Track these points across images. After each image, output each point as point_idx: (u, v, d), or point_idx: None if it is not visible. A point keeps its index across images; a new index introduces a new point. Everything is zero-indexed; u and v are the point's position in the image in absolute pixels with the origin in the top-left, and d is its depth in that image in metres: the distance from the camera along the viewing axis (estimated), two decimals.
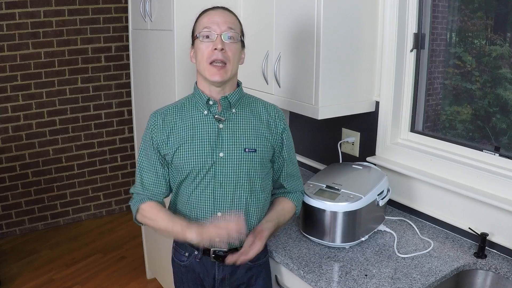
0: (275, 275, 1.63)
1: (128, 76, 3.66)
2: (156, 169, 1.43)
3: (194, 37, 1.40)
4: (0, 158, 3.40)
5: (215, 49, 1.32)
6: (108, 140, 3.81)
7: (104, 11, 3.54)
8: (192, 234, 1.30)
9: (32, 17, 3.28)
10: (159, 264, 2.67)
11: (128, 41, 2.77)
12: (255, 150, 1.40)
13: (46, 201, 3.64)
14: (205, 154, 1.36)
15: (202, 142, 1.37)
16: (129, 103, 3.72)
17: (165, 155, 1.40)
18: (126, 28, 3.51)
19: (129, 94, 3.65)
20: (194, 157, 1.36)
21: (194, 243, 1.32)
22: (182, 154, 1.37)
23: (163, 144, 1.39)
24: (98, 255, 3.24)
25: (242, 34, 1.41)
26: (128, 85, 3.62)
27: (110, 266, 3.11)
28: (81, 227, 3.70)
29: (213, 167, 1.37)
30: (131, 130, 3.82)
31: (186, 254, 1.48)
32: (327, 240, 1.59)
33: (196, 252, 1.45)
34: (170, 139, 1.39)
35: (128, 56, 3.05)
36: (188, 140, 1.38)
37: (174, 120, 1.40)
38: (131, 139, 3.84)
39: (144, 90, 2.49)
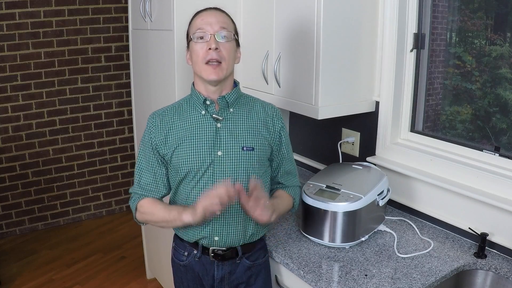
0: (275, 275, 1.63)
1: (128, 76, 3.66)
2: (154, 169, 1.44)
3: (188, 39, 1.41)
4: (0, 158, 3.40)
5: (210, 49, 1.33)
6: (108, 140, 3.81)
7: (104, 11, 3.54)
8: (187, 216, 1.31)
9: (32, 17, 3.28)
10: (159, 264, 2.67)
11: (128, 41, 2.77)
12: (253, 149, 1.41)
13: (46, 201, 3.64)
14: (204, 153, 1.37)
15: (200, 141, 1.38)
16: (129, 103, 3.72)
17: (164, 155, 1.42)
18: (126, 28, 3.51)
19: (129, 94, 3.65)
20: (193, 156, 1.37)
21: (193, 223, 1.32)
22: (181, 153, 1.38)
23: (161, 144, 1.41)
24: (98, 255, 3.24)
25: (236, 33, 1.42)
26: (128, 85, 3.62)
27: (110, 266, 3.11)
28: (81, 227, 3.70)
29: (212, 165, 1.38)
30: (131, 130, 3.82)
31: (186, 253, 1.48)
32: (327, 240, 1.59)
33: (195, 252, 1.46)
34: (168, 138, 1.40)
35: (128, 56, 3.05)
36: (187, 139, 1.39)
37: (172, 120, 1.42)
38: (131, 139, 3.84)
39: (144, 90, 2.49)
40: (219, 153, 1.38)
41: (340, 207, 1.54)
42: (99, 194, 3.87)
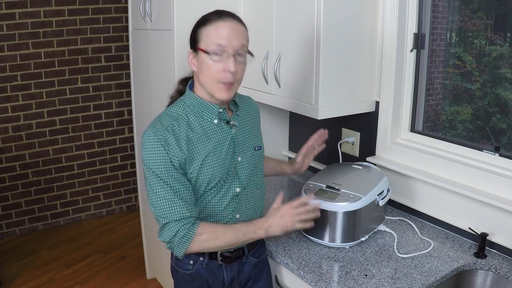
0: (275, 275, 1.63)
1: (128, 76, 3.66)
2: (188, 188, 1.29)
3: (197, 45, 1.27)
4: (0, 158, 3.40)
5: (227, 70, 1.24)
6: (108, 140, 3.81)
7: (104, 11, 3.54)
8: (274, 230, 1.35)
9: (32, 17, 3.28)
10: (159, 264, 2.67)
11: (128, 41, 2.77)
12: (261, 147, 1.45)
13: (46, 201, 3.64)
14: (227, 162, 1.33)
15: (222, 151, 1.32)
16: (129, 103, 3.72)
17: (189, 173, 1.29)
18: (126, 28, 3.52)
19: (129, 94, 3.65)
20: (220, 168, 1.32)
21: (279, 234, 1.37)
22: (209, 168, 1.30)
23: (186, 162, 1.27)
24: (98, 255, 3.24)
25: (248, 42, 1.33)
26: (128, 85, 3.62)
27: (110, 266, 3.11)
28: (81, 227, 3.70)
29: (234, 172, 1.35)
30: (131, 130, 3.82)
31: (191, 262, 1.41)
32: (327, 240, 1.59)
33: (201, 258, 1.40)
34: (194, 156, 1.28)
35: (128, 56, 3.05)
36: (211, 153, 1.31)
37: (187, 134, 1.28)
38: (131, 139, 3.84)
39: (144, 90, 2.49)
40: (239, 159, 1.36)
41: (340, 207, 1.54)
42: (99, 194, 3.87)
